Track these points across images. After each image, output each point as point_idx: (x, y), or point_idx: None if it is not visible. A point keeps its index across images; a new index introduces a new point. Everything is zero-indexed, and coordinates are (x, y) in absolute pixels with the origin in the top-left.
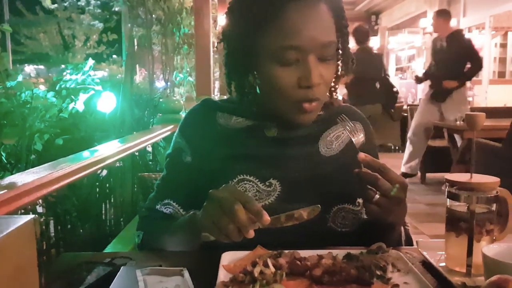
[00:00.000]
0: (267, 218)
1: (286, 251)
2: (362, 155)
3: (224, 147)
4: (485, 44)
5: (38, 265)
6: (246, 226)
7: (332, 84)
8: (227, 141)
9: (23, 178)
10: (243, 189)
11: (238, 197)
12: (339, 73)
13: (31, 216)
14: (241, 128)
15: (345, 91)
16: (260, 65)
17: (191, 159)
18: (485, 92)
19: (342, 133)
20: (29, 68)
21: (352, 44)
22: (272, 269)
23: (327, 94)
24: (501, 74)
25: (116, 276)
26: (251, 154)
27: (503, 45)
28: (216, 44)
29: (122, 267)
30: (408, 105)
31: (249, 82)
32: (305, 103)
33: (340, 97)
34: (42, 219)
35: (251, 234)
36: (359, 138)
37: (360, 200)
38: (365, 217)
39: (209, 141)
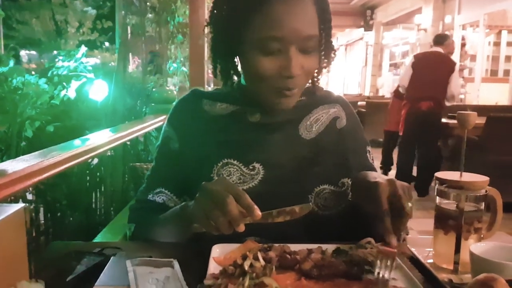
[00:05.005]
0: (258, 213)
1: (276, 245)
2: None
3: (209, 132)
4: (479, 42)
5: (28, 254)
6: (237, 219)
7: (315, 74)
8: (212, 126)
9: (13, 166)
10: (227, 173)
11: (230, 191)
12: (321, 64)
13: (21, 204)
14: (225, 114)
15: None
16: (243, 52)
17: (178, 145)
18: (477, 90)
19: (322, 116)
20: (21, 54)
21: None
22: (262, 262)
23: (310, 83)
24: (494, 73)
25: (106, 266)
26: (235, 139)
27: (496, 44)
28: (204, 28)
29: (112, 257)
30: None
31: (233, 67)
32: (284, 90)
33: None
34: (31, 207)
35: (242, 228)
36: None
37: (344, 180)
38: (349, 199)
39: (195, 127)
